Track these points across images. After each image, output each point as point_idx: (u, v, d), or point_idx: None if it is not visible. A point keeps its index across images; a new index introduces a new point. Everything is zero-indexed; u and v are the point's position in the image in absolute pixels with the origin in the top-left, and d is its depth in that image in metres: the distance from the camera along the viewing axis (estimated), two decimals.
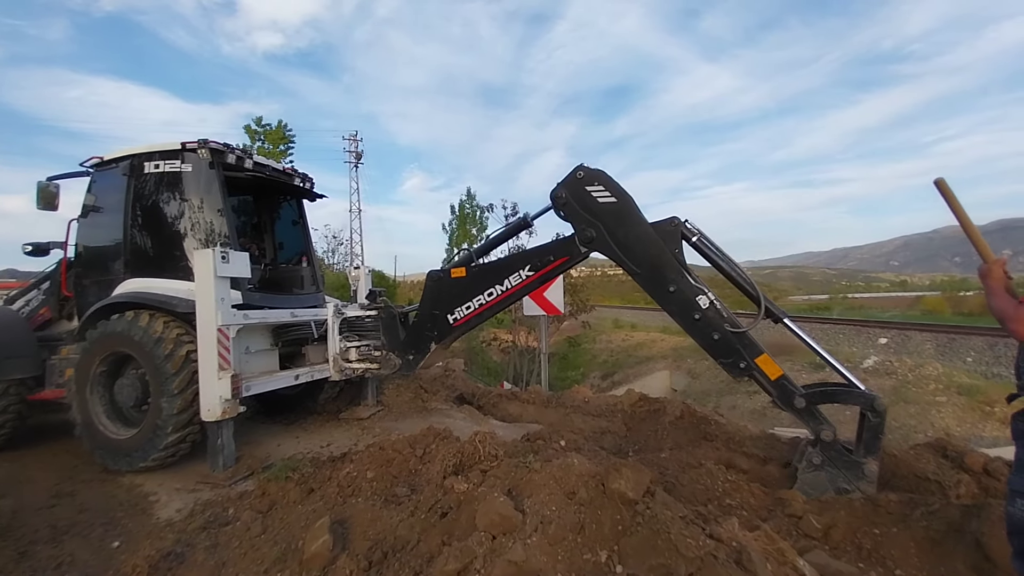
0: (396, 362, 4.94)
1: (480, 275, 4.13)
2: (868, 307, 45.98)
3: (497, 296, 4.08)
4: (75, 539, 3.40)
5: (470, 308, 4.19)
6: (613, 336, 26.27)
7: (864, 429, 3.35)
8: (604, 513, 1.99)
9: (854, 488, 3.21)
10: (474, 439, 2.97)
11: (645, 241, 3.56)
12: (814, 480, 3.33)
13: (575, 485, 2.07)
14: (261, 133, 22.07)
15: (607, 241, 3.67)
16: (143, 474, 4.35)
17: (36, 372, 5.12)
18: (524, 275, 4.01)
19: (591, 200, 3.65)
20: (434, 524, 2.30)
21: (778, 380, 3.42)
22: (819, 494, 3.22)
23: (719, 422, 5.36)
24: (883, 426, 3.25)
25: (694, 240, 3.54)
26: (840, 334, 14.98)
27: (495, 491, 2.14)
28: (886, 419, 3.24)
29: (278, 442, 5.31)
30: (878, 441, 3.28)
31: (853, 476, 3.25)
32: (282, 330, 5.40)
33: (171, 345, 4.24)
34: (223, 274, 4.21)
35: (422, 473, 3.20)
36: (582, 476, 2.09)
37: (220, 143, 4.94)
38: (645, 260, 3.58)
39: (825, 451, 3.34)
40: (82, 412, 4.51)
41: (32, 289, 5.79)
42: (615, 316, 32.08)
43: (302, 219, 6.43)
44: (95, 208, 5.17)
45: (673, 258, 3.51)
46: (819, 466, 3.33)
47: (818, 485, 3.29)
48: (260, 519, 3.22)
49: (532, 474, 2.20)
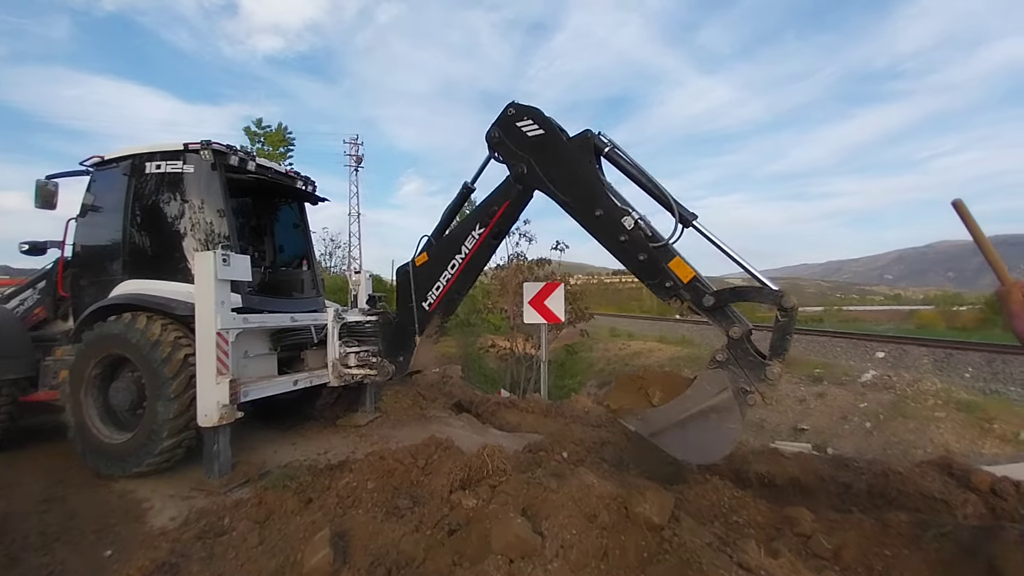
0: (390, 369, 4.94)
1: (440, 251, 4.22)
2: (862, 320, 46.29)
3: (459, 265, 4.17)
4: (66, 546, 3.31)
5: (439, 287, 4.28)
6: (610, 345, 26.22)
7: (773, 329, 3.15)
8: (628, 539, 1.93)
9: (753, 389, 3.03)
10: (482, 453, 2.91)
11: (571, 168, 3.56)
12: (713, 377, 3.15)
13: (596, 507, 2.00)
14: (261, 135, 22.03)
15: (537, 174, 3.68)
16: (136, 480, 4.26)
17: (30, 373, 5.03)
18: (476, 234, 4.08)
19: (521, 135, 3.70)
20: (441, 541, 2.23)
21: (691, 282, 3.28)
22: (716, 391, 3.08)
23: None
24: (791, 325, 3.03)
25: (606, 151, 3.52)
26: (837, 347, 14.99)
27: (509, 510, 2.07)
28: (795, 318, 3.02)
29: (274, 448, 5.22)
30: (785, 342, 3.05)
31: (755, 377, 3.05)
32: (281, 334, 5.33)
33: (168, 348, 4.17)
34: (224, 277, 4.15)
35: (425, 485, 3.13)
36: (603, 498, 2.03)
37: (223, 144, 4.90)
38: (572, 188, 3.58)
39: (732, 349, 3.15)
40: (76, 415, 4.42)
41: (27, 288, 5.69)
42: (612, 324, 32.06)
43: (303, 222, 6.38)
44: (94, 208, 5.10)
45: (598, 180, 3.50)
46: (721, 363, 3.14)
47: (716, 382, 3.12)
48: (257, 529, 3.14)
49: (548, 494, 2.13)
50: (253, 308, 4.77)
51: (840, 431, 9.01)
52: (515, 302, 15.88)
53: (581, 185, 3.54)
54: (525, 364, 15.88)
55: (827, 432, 9.08)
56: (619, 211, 3.40)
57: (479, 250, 4.16)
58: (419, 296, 4.34)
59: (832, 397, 9.83)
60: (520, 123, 3.73)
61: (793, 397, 10.28)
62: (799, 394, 10.32)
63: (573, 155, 3.56)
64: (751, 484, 4.20)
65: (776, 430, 9.40)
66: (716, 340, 11.64)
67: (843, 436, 8.88)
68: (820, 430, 9.16)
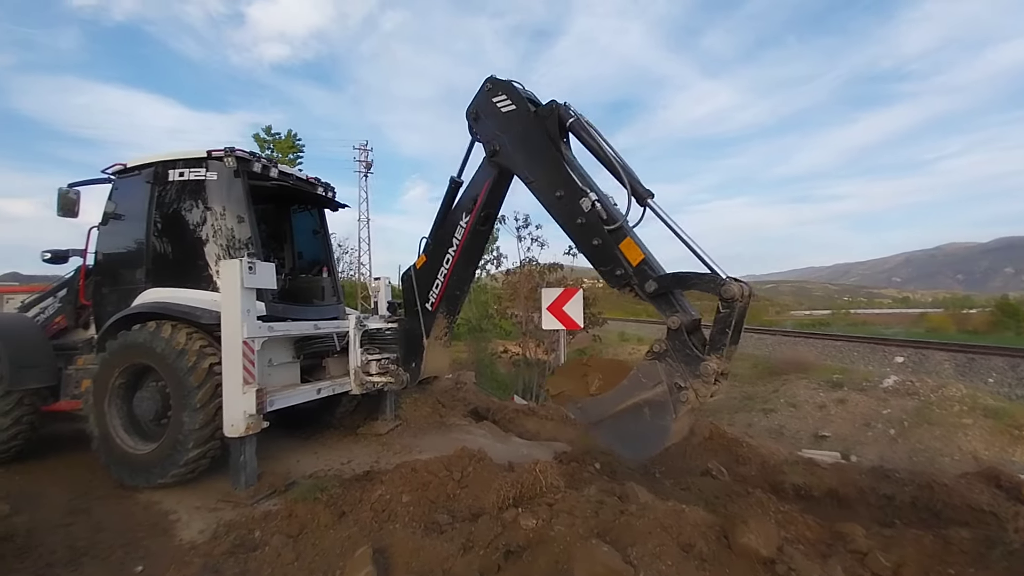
0: (404, 377, 4.93)
1: (434, 249, 4.27)
2: (871, 323, 45.83)
3: (453, 258, 4.20)
4: (95, 561, 3.24)
5: (438, 284, 4.32)
6: (619, 349, 26.08)
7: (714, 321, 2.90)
8: (733, 573, 1.79)
9: (688, 385, 2.80)
10: (533, 468, 2.81)
11: (536, 146, 3.51)
12: (649, 369, 2.94)
13: (691, 536, 1.90)
14: (271, 142, 22.09)
15: (508, 152, 3.65)
16: (160, 491, 4.20)
17: (51, 382, 4.98)
18: (464, 223, 4.11)
19: (496, 112, 3.66)
20: (497, 564, 2.14)
21: (639, 265, 3.15)
22: (651, 384, 2.87)
23: (751, 444, 5.22)
24: (731, 319, 2.79)
25: (570, 123, 3.43)
26: (854, 351, 14.79)
27: (580, 533, 1.96)
28: (736, 311, 2.77)
29: (297, 458, 5.15)
30: (723, 337, 2.81)
31: (690, 372, 2.81)
32: (304, 342, 5.26)
33: (194, 357, 4.11)
34: (250, 285, 4.09)
35: (462, 499, 3.04)
36: (698, 526, 1.93)
37: (246, 151, 4.86)
38: (536, 167, 3.53)
39: (670, 340, 2.96)
40: (99, 425, 4.36)
41: (48, 296, 5.67)
42: (621, 329, 31.92)
43: (323, 229, 6.33)
44: (116, 216, 5.06)
45: (561, 159, 3.43)
46: (658, 355, 2.94)
47: (651, 375, 2.92)
48: (291, 544, 3.07)
49: (628, 518, 2.02)
50: (277, 316, 4.71)
51: (863, 438, 8.85)
52: (526, 307, 15.78)
53: (544, 164, 3.48)
54: (537, 369, 15.77)
55: (850, 439, 8.92)
56: (579, 192, 3.31)
57: (469, 239, 4.15)
58: (422, 298, 4.36)
59: (853, 403, 9.66)
60: (496, 98, 3.68)
61: (812, 403, 10.12)
62: (818, 400, 10.16)
63: (539, 132, 3.51)
64: (787, 496, 4.10)
65: (796, 437, 9.25)
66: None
67: (867, 443, 8.72)
68: (842, 437, 9.01)
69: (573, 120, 3.41)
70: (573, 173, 3.38)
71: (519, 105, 3.59)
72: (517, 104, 3.60)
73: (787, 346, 17.40)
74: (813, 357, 13.72)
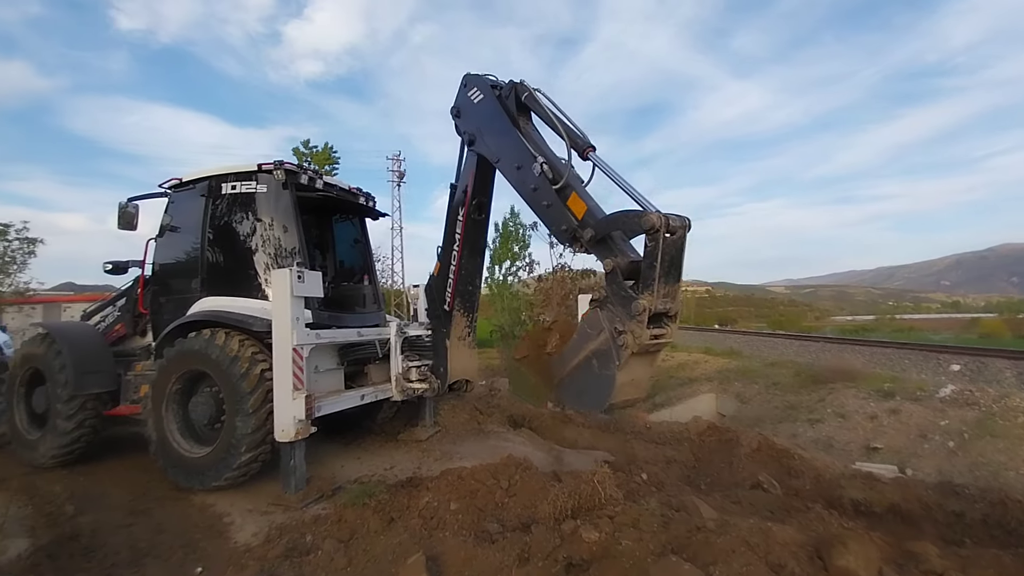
0: (435, 384, 5.02)
1: (443, 250, 4.64)
2: (918, 329, 43.60)
3: (458, 252, 4.53)
4: (156, 562, 3.36)
5: (450, 282, 4.63)
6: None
7: (643, 257, 2.82)
8: None
9: (625, 328, 2.70)
10: (591, 478, 2.77)
11: (499, 126, 3.74)
12: (592, 318, 2.85)
13: (780, 556, 1.82)
14: (308, 155, 22.78)
15: (482, 138, 3.91)
16: (213, 493, 4.33)
17: (112, 387, 5.22)
18: (461, 215, 4.40)
19: (471, 104, 3.98)
20: None
21: (583, 217, 3.20)
22: (596, 333, 2.79)
23: (803, 456, 5.02)
24: (656, 251, 2.68)
25: (524, 96, 3.66)
26: (905, 359, 14.08)
27: (651, 548, 1.91)
28: (660, 243, 2.66)
29: (341, 463, 5.23)
30: (651, 272, 2.72)
31: (625, 315, 2.72)
32: (348, 349, 5.36)
33: (247, 364, 4.23)
34: (299, 293, 4.20)
35: (511, 508, 3.02)
36: (788, 545, 1.85)
37: (294, 164, 5.01)
38: (500, 146, 3.76)
39: (608, 284, 2.93)
40: (157, 429, 4.53)
41: (108, 305, 5.95)
42: None
43: (364, 238, 6.45)
44: (172, 228, 5.28)
45: (518, 132, 3.64)
46: (600, 303, 2.90)
47: (594, 323, 2.86)
48: (343, 549, 3.11)
49: (707, 534, 1.96)
50: (322, 324, 4.81)
51: (919, 451, 8.38)
52: (559, 313, 15.68)
53: (506, 140, 3.71)
54: None
55: (904, 452, 8.46)
56: (529, 158, 3.47)
57: (468, 230, 4.46)
58: (440, 301, 4.68)
59: (907, 414, 9.17)
60: (470, 92, 3.99)
61: (862, 413, 9.66)
62: (869, 410, 9.69)
63: (501, 113, 3.77)
64: (846, 511, 3.91)
65: (846, 449, 8.83)
66: (767, 350, 11.31)
67: (923, 456, 8.25)
68: (896, 449, 8.55)
69: (527, 95, 3.65)
70: (527, 142, 3.58)
71: (487, 93, 3.88)
72: (485, 93, 3.89)
73: (831, 353, 16.69)
74: (860, 365, 13.10)
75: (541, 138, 3.62)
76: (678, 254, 2.77)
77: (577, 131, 3.45)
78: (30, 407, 5.48)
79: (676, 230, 2.76)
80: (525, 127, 3.71)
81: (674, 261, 2.77)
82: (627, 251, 3.04)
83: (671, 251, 2.74)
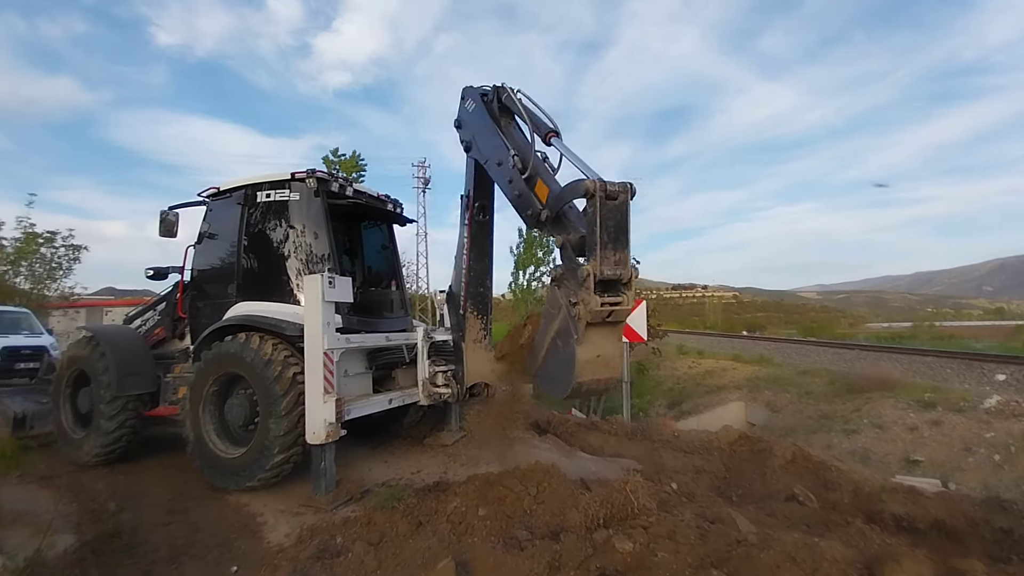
0: (456, 390, 5.11)
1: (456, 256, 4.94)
2: (959, 337, 41.61)
3: (466, 255, 4.79)
4: (193, 560, 3.45)
5: (462, 286, 4.87)
6: (678, 363, 25.16)
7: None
8: None
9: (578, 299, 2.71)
10: (624, 487, 2.74)
11: (486, 130, 3.95)
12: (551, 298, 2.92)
13: (829, 573, 1.76)
14: (337, 163, 23.30)
15: (475, 143, 4.14)
16: (247, 493, 4.43)
17: (152, 388, 5.40)
18: (466, 219, 4.68)
19: (467, 113, 4.22)
20: None
21: (547, 200, 3.28)
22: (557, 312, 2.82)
23: (840, 468, 4.85)
24: (595, 216, 2.69)
25: (504, 98, 3.87)
26: (947, 368, 13.52)
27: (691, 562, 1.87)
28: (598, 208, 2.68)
29: (368, 466, 5.29)
30: (593, 237, 2.69)
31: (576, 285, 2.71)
32: (376, 354, 5.43)
33: (279, 367, 4.33)
34: (330, 299, 4.29)
35: (539, 515, 3.01)
36: (837, 562, 1.79)
37: (325, 172, 5.12)
38: (485, 147, 3.97)
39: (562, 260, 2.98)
40: (195, 430, 4.66)
41: (149, 310, 6.18)
42: (679, 341, 30.86)
43: (392, 243, 6.55)
44: (210, 235, 5.46)
45: (498, 130, 3.84)
46: (557, 280, 2.90)
47: (554, 302, 2.89)
48: (372, 552, 3.14)
49: (748, 548, 1.91)
50: (352, 328, 4.89)
51: (963, 464, 8.04)
52: None
53: (489, 140, 3.93)
54: None
55: (947, 465, 8.13)
56: (505, 153, 3.68)
57: (474, 232, 4.69)
58: (456, 307, 4.94)
59: (950, 425, 8.81)
60: (466, 103, 4.22)
61: (902, 424, 9.31)
62: (908, 421, 9.33)
63: (487, 116, 3.98)
64: (887, 526, 3.76)
65: (885, 461, 8.53)
66: (799, 358, 11.02)
67: (967, 470, 7.91)
68: (938, 463, 8.22)
69: (506, 95, 3.86)
70: (505, 140, 3.77)
71: (477, 102, 4.10)
72: (476, 101, 4.11)
73: (867, 361, 16.15)
74: (898, 373, 12.60)
75: (521, 135, 3.81)
76: (623, 219, 2.79)
77: (544, 118, 3.66)
78: (75, 407, 5.71)
79: (617, 194, 2.79)
80: (507, 127, 3.93)
81: (619, 226, 2.79)
82: (579, 227, 3.10)
83: (615, 216, 2.77)
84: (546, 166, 3.54)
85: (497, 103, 3.97)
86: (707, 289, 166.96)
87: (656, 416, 13.89)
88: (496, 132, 3.86)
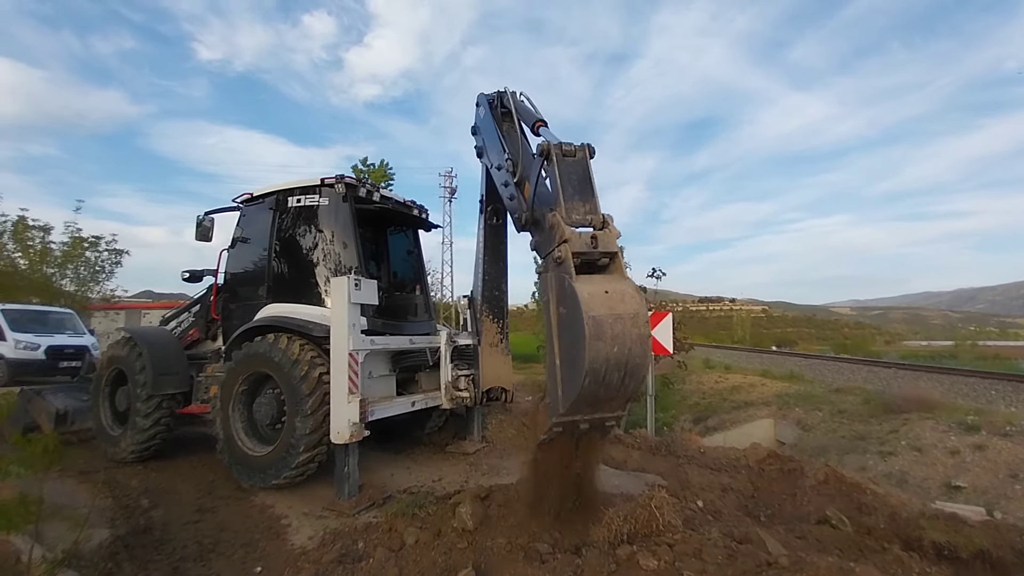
0: (472, 392, 5.13)
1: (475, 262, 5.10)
2: (1004, 356, 39.56)
3: (482, 259, 4.95)
4: (220, 559, 3.51)
5: (479, 289, 5.02)
6: (704, 377, 24.62)
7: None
8: None
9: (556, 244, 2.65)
10: (648, 503, 2.67)
11: (492, 135, 4.01)
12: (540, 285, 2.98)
13: None
14: (366, 172, 23.79)
15: (484, 148, 4.21)
16: (273, 493, 4.50)
17: (185, 388, 5.56)
18: (481, 223, 4.83)
19: (479, 119, 4.31)
20: None
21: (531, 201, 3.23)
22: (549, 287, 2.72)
23: (876, 492, 4.64)
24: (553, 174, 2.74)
25: (505, 101, 3.97)
26: (992, 390, 12.86)
27: None
28: (554, 163, 2.73)
29: (391, 472, 5.32)
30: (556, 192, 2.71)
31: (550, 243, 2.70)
32: (400, 356, 5.48)
33: (306, 367, 4.40)
34: (356, 301, 4.34)
35: (562, 528, 2.95)
36: None
37: (353, 178, 5.22)
38: (491, 151, 4.04)
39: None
40: (224, 428, 4.77)
41: (184, 311, 6.38)
42: (706, 355, 30.22)
43: (417, 248, 6.62)
44: (243, 239, 5.62)
45: (500, 134, 3.90)
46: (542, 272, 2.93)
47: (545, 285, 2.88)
48: (394, 558, 3.14)
49: (780, 571, 1.85)
50: (376, 331, 4.94)
51: (1009, 492, 7.59)
52: None
53: (492, 145, 4.00)
54: None
55: (991, 492, 7.69)
56: (501, 156, 3.75)
57: (487, 235, 4.83)
58: (474, 312, 5.10)
59: (995, 450, 8.35)
60: (478, 109, 4.33)
61: (942, 447, 8.87)
62: (949, 444, 8.88)
63: (491, 122, 4.07)
64: (927, 554, 3.57)
65: (924, 486, 8.13)
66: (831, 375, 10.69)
67: (1014, 498, 7.47)
68: (982, 489, 7.79)
69: (506, 98, 3.97)
70: (504, 143, 3.83)
71: (486, 108, 4.20)
72: (485, 107, 4.22)
73: (906, 380, 15.48)
74: (938, 394, 12.04)
75: (522, 139, 3.82)
76: (584, 173, 2.83)
77: (533, 109, 3.78)
78: (114, 405, 5.91)
79: (575, 152, 2.85)
80: (509, 131, 3.95)
81: (583, 180, 2.81)
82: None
83: (577, 171, 2.82)
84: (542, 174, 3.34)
85: (500, 107, 4.06)
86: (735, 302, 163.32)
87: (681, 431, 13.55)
88: (497, 136, 3.95)
